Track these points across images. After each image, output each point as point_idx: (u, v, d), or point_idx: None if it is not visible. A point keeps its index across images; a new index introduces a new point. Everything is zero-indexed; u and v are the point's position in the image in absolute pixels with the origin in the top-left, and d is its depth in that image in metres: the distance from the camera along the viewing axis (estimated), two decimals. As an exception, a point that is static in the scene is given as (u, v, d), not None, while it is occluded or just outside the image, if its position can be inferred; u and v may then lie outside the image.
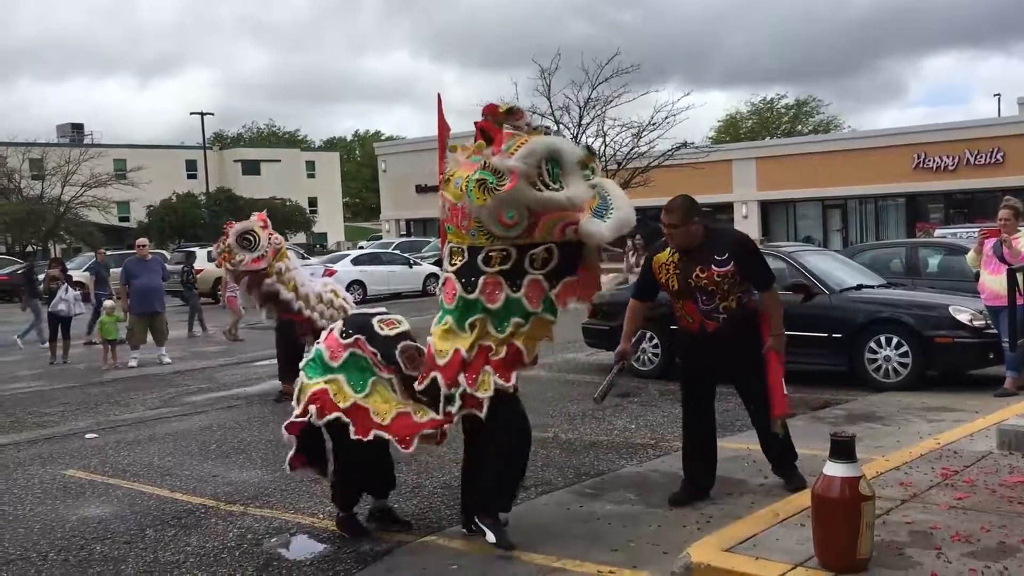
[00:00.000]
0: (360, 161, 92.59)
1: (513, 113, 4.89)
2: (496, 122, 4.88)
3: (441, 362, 4.96)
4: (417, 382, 5.06)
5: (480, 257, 4.85)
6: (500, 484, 5.05)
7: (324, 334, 5.36)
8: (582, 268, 5.03)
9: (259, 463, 7.28)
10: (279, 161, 70.73)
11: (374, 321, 5.20)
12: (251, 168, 68.47)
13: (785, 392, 5.59)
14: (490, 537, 4.91)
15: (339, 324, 5.33)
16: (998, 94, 54.60)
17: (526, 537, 5.12)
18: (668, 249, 5.59)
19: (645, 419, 8.35)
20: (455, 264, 4.98)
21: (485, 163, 4.76)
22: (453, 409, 4.94)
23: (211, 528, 5.65)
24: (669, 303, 5.78)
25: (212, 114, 54.67)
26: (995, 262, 8.50)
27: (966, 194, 33.54)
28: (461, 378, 4.90)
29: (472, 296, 4.87)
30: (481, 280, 4.84)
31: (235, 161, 69.31)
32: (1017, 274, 6.59)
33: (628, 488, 5.99)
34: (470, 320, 4.91)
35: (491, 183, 4.66)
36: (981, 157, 32.86)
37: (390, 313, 5.37)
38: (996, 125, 34.52)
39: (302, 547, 5.27)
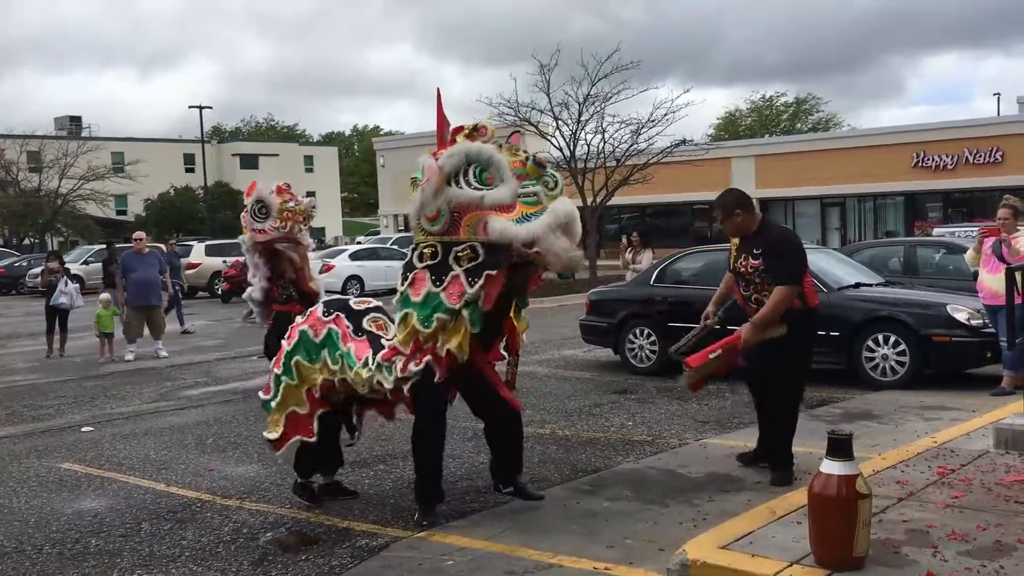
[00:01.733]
0: (359, 156, 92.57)
1: (477, 130, 5.18)
2: (460, 138, 5.20)
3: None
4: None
5: (415, 253, 5.23)
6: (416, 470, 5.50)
7: (304, 316, 5.77)
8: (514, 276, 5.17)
9: (255, 457, 7.28)
10: (277, 155, 70.69)
11: (351, 302, 5.78)
12: (249, 162, 68.40)
13: (711, 356, 5.72)
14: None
15: (320, 305, 5.76)
16: (998, 93, 54.62)
17: (523, 533, 5.12)
18: None
19: (642, 416, 8.34)
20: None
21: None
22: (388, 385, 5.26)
23: (207, 522, 5.64)
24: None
25: (211, 108, 54.39)
26: (994, 261, 8.50)
27: (965, 193, 33.58)
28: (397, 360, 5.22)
29: (402, 289, 5.23)
30: (412, 275, 5.19)
31: (233, 155, 69.24)
32: (1015, 273, 6.58)
33: (625, 485, 5.98)
34: (402, 313, 5.22)
35: (418, 179, 5.12)
36: (980, 156, 32.89)
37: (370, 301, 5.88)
38: (995, 124, 34.54)
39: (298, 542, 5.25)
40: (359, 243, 35.93)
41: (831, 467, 4.04)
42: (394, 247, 30.21)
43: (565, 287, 23.25)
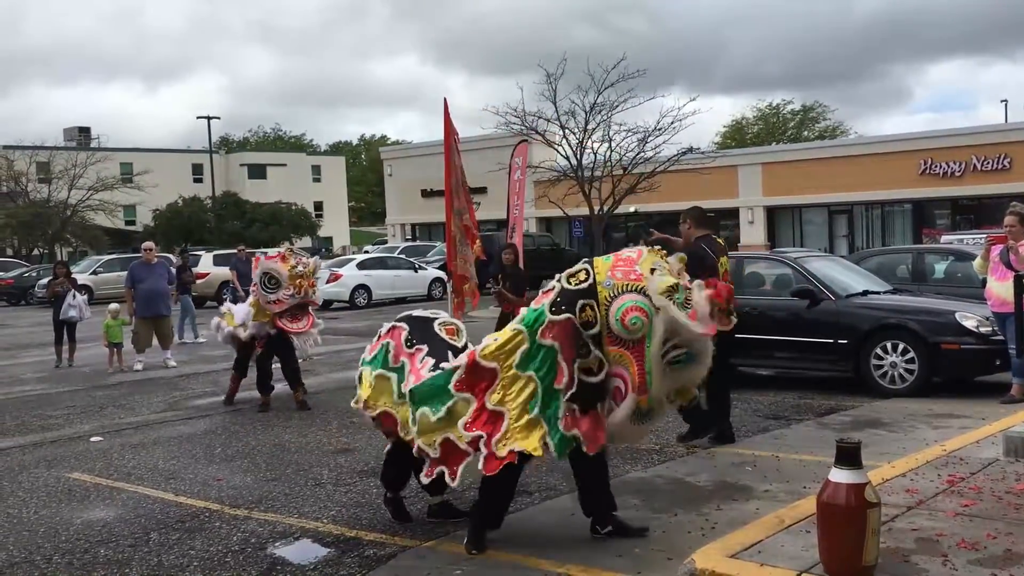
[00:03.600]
0: (366, 165, 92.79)
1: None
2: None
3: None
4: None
5: (579, 307, 4.77)
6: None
7: (385, 331, 5.54)
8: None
9: (263, 467, 7.28)
10: (285, 165, 70.91)
11: (436, 325, 5.42)
12: (257, 172, 68.63)
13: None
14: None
15: (404, 332, 5.40)
16: (1005, 100, 54.68)
17: (530, 543, 5.11)
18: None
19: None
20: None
21: (684, 285, 4.78)
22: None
23: (215, 532, 5.65)
24: None
25: (219, 118, 54.52)
26: (1002, 268, 8.47)
27: (973, 200, 33.43)
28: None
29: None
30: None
31: (241, 165, 69.48)
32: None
33: (633, 494, 5.97)
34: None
35: (678, 299, 4.68)
36: (988, 163, 32.75)
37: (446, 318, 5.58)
38: (1003, 131, 34.36)
39: (306, 551, 5.26)
40: (367, 252, 35.96)
41: (840, 476, 4.03)
42: (401, 256, 30.23)
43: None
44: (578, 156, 25.99)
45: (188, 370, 13.33)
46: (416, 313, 5.63)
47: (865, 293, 9.95)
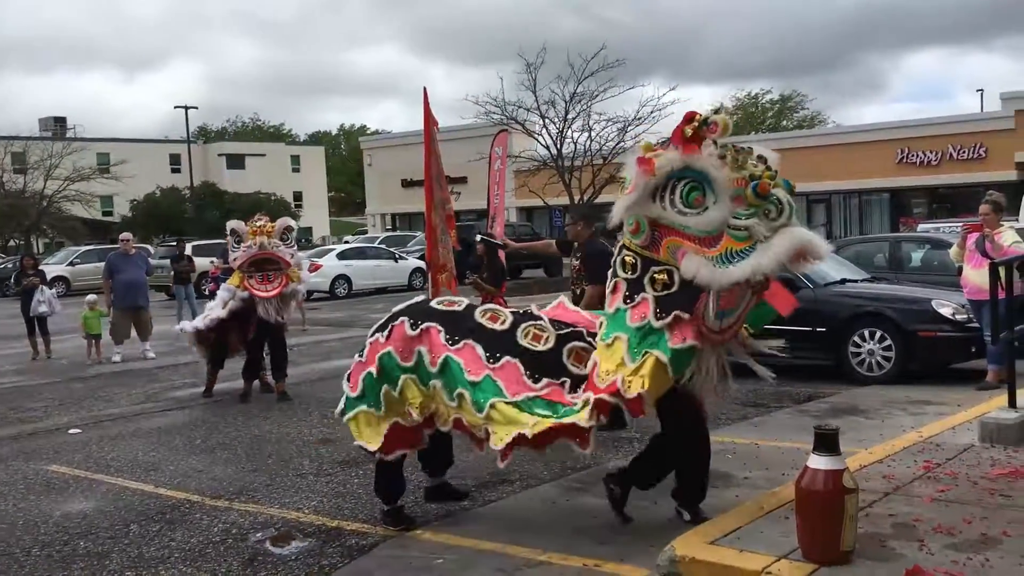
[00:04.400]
0: (346, 155, 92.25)
1: (707, 125, 4.49)
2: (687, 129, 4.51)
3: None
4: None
5: (618, 257, 4.76)
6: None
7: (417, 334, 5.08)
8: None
9: (244, 458, 7.26)
10: (264, 155, 70.36)
11: (477, 315, 5.08)
12: (236, 162, 68.09)
13: None
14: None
15: (442, 330, 5.00)
16: (981, 89, 55.01)
17: (512, 531, 5.13)
18: None
19: (631, 413, 8.35)
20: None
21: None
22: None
23: (196, 523, 5.63)
24: None
25: (196, 108, 54.10)
26: (978, 256, 8.56)
27: (950, 189, 33.71)
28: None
29: (615, 302, 4.78)
30: (614, 280, 4.81)
31: (219, 155, 68.90)
32: (999, 268, 6.63)
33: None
34: (611, 337, 4.73)
35: (625, 182, 4.62)
36: (964, 152, 33.04)
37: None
38: (979, 120, 34.67)
39: (288, 542, 5.25)
40: (347, 243, 35.83)
41: (818, 462, 4.07)
42: (382, 247, 30.15)
43: (545, 285, 23.20)
44: (558, 146, 26.00)
45: (167, 361, 13.24)
46: (441, 308, 5.20)
47: (843, 281, 10.03)
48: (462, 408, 4.86)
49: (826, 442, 4.09)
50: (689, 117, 4.51)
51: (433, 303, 5.30)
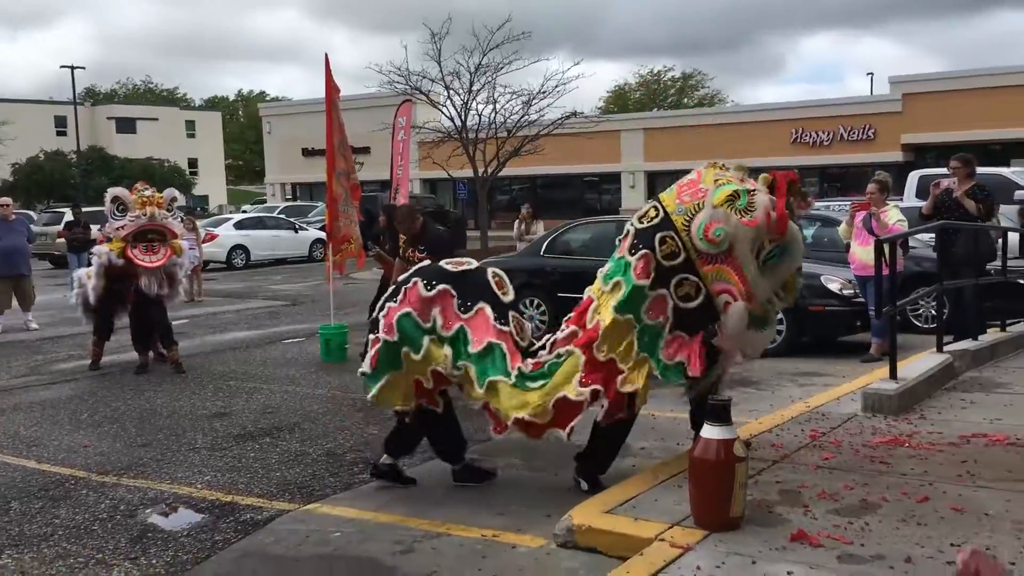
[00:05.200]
0: (244, 122, 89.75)
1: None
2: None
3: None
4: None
5: (658, 237, 4.80)
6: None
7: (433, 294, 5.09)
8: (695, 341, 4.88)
9: (133, 433, 7.02)
10: (157, 120, 67.92)
11: (489, 276, 5.20)
12: (126, 126, 65.54)
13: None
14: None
15: (456, 296, 5.05)
16: (871, 73, 57.04)
17: (411, 503, 5.11)
18: None
19: (531, 385, 8.41)
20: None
21: (749, 189, 4.78)
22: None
23: (81, 500, 5.43)
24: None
25: (83, 68, 51.78)
26: (864, 234, 8.88)
27: (840, 168, 34.96)
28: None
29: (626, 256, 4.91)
30: (642, 250, 4.86)
31: (109, 118, 66.17)
32: (884, 245, 6.90)
33: (515, 453, 6.03)
34: (613, 281, 4.95)
35: (740, 205, 4.70)
36: (854, 133, 34.28)
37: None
38: (868, 103, 36.02)
39: (179, 517, 5.12)
40: (244, 212, 34.93)
41: (711, 432, 4.18)
42: (281, 216, 29.50)
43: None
44: (463, 117, 25.82)
45: (52, 333, 12.69)
46: (452, 269, 5.21)
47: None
48: (466, 377, 5.04)
49: (719, 413, 4.20)
50: (795, 184, 4.89)
51: (443, 264, 5.31)
